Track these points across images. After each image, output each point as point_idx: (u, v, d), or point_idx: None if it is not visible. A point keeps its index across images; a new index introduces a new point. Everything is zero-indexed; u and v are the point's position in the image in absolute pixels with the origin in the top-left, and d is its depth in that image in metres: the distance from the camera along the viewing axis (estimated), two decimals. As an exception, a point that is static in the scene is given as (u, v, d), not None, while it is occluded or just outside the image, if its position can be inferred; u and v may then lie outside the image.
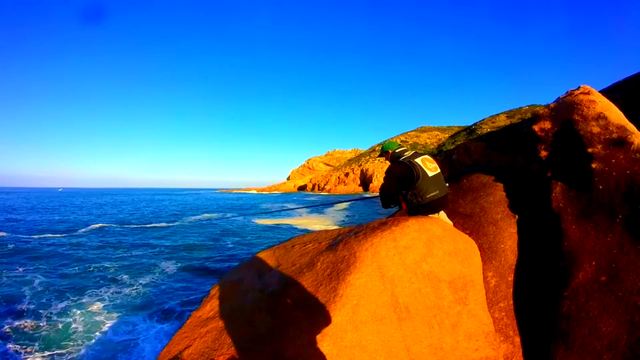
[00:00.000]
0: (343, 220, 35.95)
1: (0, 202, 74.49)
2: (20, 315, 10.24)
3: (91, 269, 15.59)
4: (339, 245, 3.23)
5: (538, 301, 3.10)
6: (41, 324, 9.63)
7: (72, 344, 8.57)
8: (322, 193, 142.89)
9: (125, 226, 31.74)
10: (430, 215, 3.62)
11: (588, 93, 3.66)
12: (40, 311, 10.49)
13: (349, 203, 61.33)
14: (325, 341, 2.39)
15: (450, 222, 3.84)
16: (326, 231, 4.32)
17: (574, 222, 3.21)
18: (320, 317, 2.55)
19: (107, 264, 16.35)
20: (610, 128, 3.38)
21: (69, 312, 10.46)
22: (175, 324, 9.47)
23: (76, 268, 15.74)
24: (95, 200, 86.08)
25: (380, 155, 4.22)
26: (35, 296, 11.90)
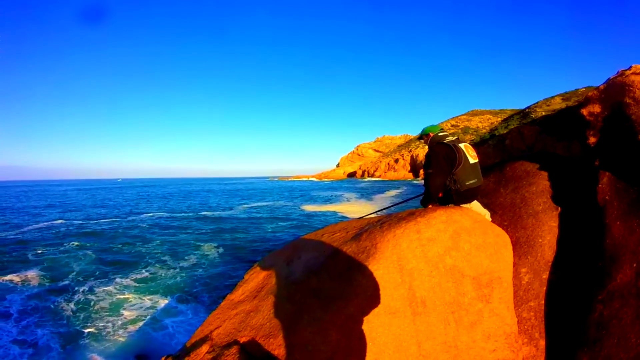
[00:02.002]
0: (389, 208, 35.30)
1: (59, 193, 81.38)
2: (63, 291, 11.16)
3: (137, 251, 16.76)
4: (363, 235, 3.20)
5: (570, 303, 2.86)
6: (80, 300, 10.43)
7: (108, 318, 9.18)
8: (372, 179, 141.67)
9: (176, 215, 33.45)
10: (462, 205, 3.47)
11: (640, 73, 3.27)
12: (79, 288, 11.38)
13: (399, 190, 60.34)
14: (334, 331, 2.39)
15: (484, 212, 3.65)
16: (357, 220, 4.30)
17: (619, 217, 2.91)
18: (333, 306, 2.56)
19: (153, 248, 17.41)
20: (666, 112, 3.01)
21: (107, 290, 11.23)
22: (211, 305, 9.83)
23: (123, 250, 17.05)
24: (148, 190, 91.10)
25: (419, 138, 4.02)
26: (80, 274, 12.97)
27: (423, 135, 3.88)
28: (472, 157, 3.49)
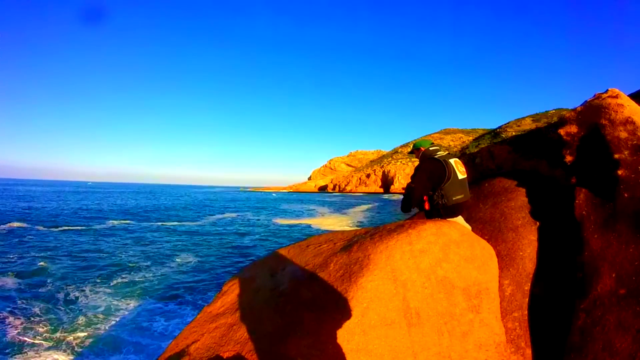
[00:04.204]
0: (361, 222, 35.83)
1: (22, 193, 77.79)
2: (41, 298, 10.88)
3: (113, 259, 16.38)
4: (354, 247, 3.19)
5: (553, 313, 2.97)
6: (60, 308, 10.22)
7: (89, 326, 9.08)
8: (343, 193, 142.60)
9: (146, 223, 32.54)
10: (449, 219, 3.55)
11: (616, 96, 3.50)
12: (59, 295, 11.16)
13: (371, 205, 61.13)
14: (331, 343, 2.36)
15: (468, 227, 3.74)
16: (342, 232, 4.28)
17: (596, 231, 3.06)
18: (328, 319, 2.53)
19: (127, 256, 17.08)
20: (639, 133, 3.22)
21: (89, 296, 11.11)
22: (187, 313, 9.89)
23: (99, 257, 16.57)
24: (117, 195, 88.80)
25: (410, 153, 4.08)
26: (57, 282, 12.61)
27: (414, 150, 3.96)
28: (461, 173, 3.58)
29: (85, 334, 8.60)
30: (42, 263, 14.97)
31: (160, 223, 32.92)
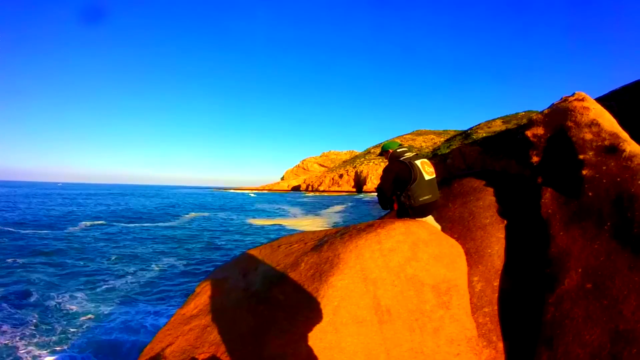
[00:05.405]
0: (337, 222, 36.05)
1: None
2: (29, 306, 10.74)
3: (94, 264, 16.13)
4: (324, 246, 3.19)
5: (523, 307, 3.07)
6: (49, 315, 10.10)
7: (81, 332, 9.06)
8: (315, 194, 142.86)
9: (119, 224, 31.74)
10: (418, 219, 3.59)
11: (582, 100, 3.64)
12: (46, 302, 11.02)
13: (344, 205, 61.54)
14: (304, 342, 2.35)
15: (438, 226, 3.80)
16: (313, 232, 4.27)
17: (562, 228, 3.18)
18: (300, 317, 2.51)
19: (106, 260, 16.87)
20: (603, 135, 3.36)
21: (73, 304, 10.96)
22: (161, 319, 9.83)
23: (79, 263, 16.26)
24: (89, 197, 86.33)
25: (380, 154, 4.13)
26: (42, 288, 12.35)
27: (383, 152, 4.01)
28: (428, 174, 3.61)
29: (77, 339, 8.61)
30: (21, 269, 14.60)
31: (134, 224, 32.18)
